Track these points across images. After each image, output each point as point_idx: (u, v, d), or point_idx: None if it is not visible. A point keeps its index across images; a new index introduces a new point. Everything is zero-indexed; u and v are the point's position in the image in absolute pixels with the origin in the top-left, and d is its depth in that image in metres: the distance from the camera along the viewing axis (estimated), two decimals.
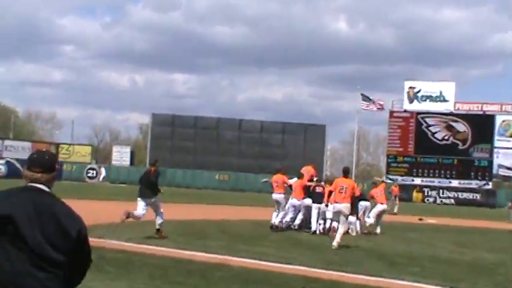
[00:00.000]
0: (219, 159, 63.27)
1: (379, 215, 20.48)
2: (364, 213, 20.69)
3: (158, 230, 15.12)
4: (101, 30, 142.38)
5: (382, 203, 20.64)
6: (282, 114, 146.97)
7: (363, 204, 20.43)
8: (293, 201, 19.57)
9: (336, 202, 15.82)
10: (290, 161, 64.09)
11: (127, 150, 68.03)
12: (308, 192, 19.77)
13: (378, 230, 20.10)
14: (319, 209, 18.92)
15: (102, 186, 50.69)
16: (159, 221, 15.13)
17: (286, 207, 19.61)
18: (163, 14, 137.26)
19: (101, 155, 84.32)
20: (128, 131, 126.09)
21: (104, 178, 60.32)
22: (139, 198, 15.36)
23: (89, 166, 62.09)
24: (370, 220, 20.45)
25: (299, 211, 19.66)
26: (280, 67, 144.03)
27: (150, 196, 15.23)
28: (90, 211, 20.50)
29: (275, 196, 19.79)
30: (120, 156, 65.62)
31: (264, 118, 70.79)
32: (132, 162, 66.12)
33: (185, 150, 63.77)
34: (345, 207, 15.58)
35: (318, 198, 18.96)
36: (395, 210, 33.51)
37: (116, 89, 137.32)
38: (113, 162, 65.30)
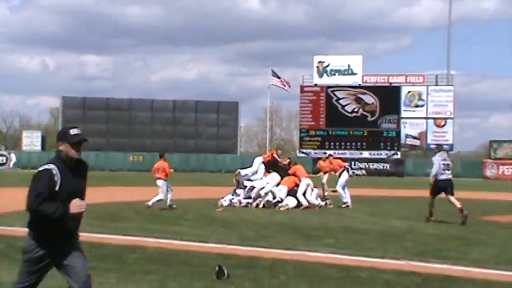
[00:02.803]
0: (132, 140, 62.71)
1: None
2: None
3: None
4: (9, 14, 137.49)
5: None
6: (196, 94, 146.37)
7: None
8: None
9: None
10: (204, 139, 64.36)
11: (38, 135, 66.36)
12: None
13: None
14: None
15: (12, 173, 49.26)
16: None
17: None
18: None
19: (10, 141, 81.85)
20: (39, 115, 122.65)
21: (15, 164, 58.65)
22: None
23: None
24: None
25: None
26: (194, 46, 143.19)
27: None
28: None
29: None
30: (31, 141, 63.97)
31: (178, 98, 70.35)
32: (43, 147, 64.58)
33: (97, 132, 62.67)
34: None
35: None
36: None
37: (26, 74, 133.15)
38: (24, 147, 63.57)
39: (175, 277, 8.64)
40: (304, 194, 20.31)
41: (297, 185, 20.51)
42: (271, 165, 21.17)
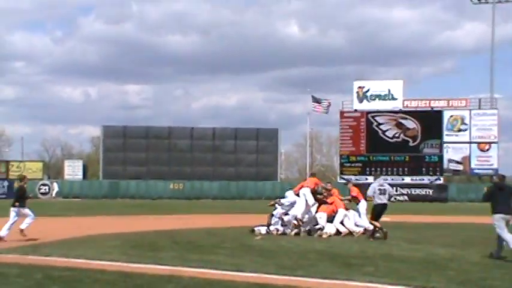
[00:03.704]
0: (172, 168, 62.96)
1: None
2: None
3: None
4: (52, 45, 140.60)
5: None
6: (236, 121, 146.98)
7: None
8: None
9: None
10: (244, 166, 64.33)
11: (79, 164, 67.05)
12: None
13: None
14: None
15: (54, 202, 49.81)
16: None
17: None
18: (115, 25, 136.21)
19: (53, 170, 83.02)
20: (81, 145, 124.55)
21: (57, 193, 59.35)
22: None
23: (41, 182, 60.97)
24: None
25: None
26: (234, 73, 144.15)
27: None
28: (40, 228, 20.08)
29: None
30: (73, 170, 64.63)
31: (218, 125, 70.75)
32: (85, 176, 65.25)
33: (138, 161, 63.29)
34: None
35: None
36: None
37: (69, 103, 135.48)
38: (66, 176, 64.27)
39: None
40: (342, 223, 20.04)
41: (334, 212, 20.23)
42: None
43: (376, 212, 18.76)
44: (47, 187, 60.20)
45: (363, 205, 21.00)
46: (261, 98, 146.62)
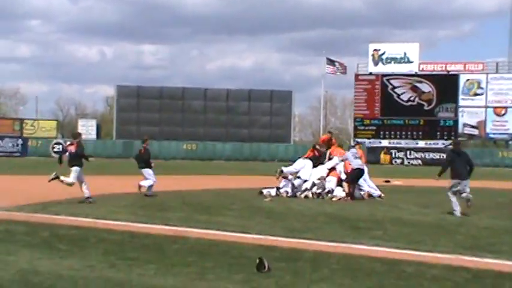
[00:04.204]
0: (185, 129, 63.01)
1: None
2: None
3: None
4: (69, 4, 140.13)
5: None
6: (252, 82, 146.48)
7: None
8: None
9: None
10: (257, 128, 64.23)
11: (93, 123, 67.29)
12: None
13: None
14: None
15: (67, 161, 49.89)
16: None
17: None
18: None
19: (67, 129, 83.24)
20: (95, 104, 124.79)
21: None
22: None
23: (55, 141, 61.24)
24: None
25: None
26: (250, 35, 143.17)
27: None
28: (51, 187, 20.11)
29: None
30: (86, 129, 64.78)
31: (233, 86, 70.47)
32: (98, 136, 65.46)
33: (151, 121, 63.31)
34: None
35: None
36: None
37: (84, 62, 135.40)
38: None
39: (214, 269, 8.44)
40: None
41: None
42: (315, 160, 20.75)
43: (353, 176, 19.22)
44: (60, 146, 60.37)
45: (365, 169, 20.92)
46: (277, 59, 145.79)
